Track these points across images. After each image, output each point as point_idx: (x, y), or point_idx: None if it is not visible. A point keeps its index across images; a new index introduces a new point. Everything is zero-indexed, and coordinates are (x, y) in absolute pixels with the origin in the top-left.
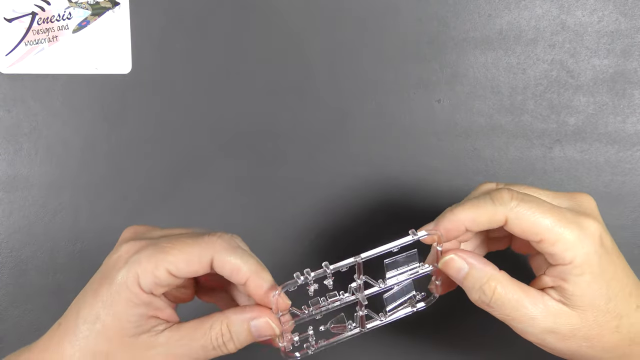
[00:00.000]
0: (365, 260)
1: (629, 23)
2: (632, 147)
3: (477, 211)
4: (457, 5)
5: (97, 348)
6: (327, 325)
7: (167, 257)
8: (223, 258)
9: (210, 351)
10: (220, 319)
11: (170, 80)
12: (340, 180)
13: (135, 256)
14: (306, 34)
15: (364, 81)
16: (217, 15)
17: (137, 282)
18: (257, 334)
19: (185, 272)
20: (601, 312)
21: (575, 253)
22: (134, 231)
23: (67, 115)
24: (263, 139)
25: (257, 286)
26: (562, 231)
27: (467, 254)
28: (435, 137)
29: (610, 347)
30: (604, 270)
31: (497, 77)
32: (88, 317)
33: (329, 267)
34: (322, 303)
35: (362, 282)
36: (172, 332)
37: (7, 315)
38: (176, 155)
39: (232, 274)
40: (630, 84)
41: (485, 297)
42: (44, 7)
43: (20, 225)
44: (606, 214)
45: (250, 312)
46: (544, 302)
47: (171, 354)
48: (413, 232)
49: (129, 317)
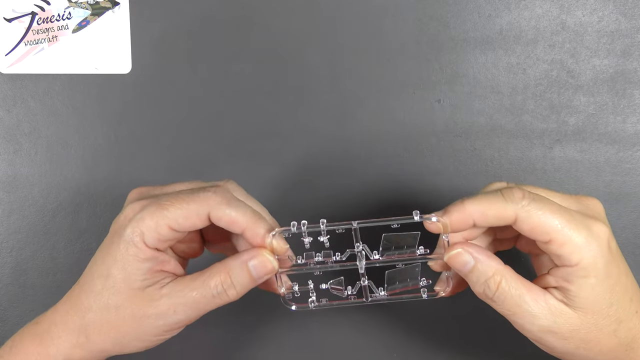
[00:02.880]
0: (361, 226)
1: (629, 23)
2: (632, 147)
3: (487, 205)
4: (457, 5)
5: (109, 301)
6: (326, 285)
7: (167, 214)
8: (219, 212)
9: (210, 300)
10: (218, 267)
11: (170, 80)
12: (340, 181)
13: (139, 214)
14: (306, 34)
15: (364, 81)
16: (217, 15)
17: (142, 238)
18: (256, 274)
19: (184, 226)
20: (602, 316)
21: (582, 256)
22: (139, 192)
23: (67, 115)
24: (263, 139)
25: (254, 234)
26: (570, 233)
27: (474, 248)
28: (435, 137)
29: (607, 351)
30: (609, 275)
31: (497, 77)
32: (101, 272)
33: (324, 224)
34: (315, 257)
35: (361, 249)
36: (174, 283)
37: (7, 315)
38: (176, 155)
39: (229, 226)
40: (630, 84)
41: (489, 291)
42: (44, 7)
43: (20, 225)
44: (606, 214)
45: (248, 254)
46: (546, 300)
47: (173, 303)
48: (417, 213)
49: (136, 272)
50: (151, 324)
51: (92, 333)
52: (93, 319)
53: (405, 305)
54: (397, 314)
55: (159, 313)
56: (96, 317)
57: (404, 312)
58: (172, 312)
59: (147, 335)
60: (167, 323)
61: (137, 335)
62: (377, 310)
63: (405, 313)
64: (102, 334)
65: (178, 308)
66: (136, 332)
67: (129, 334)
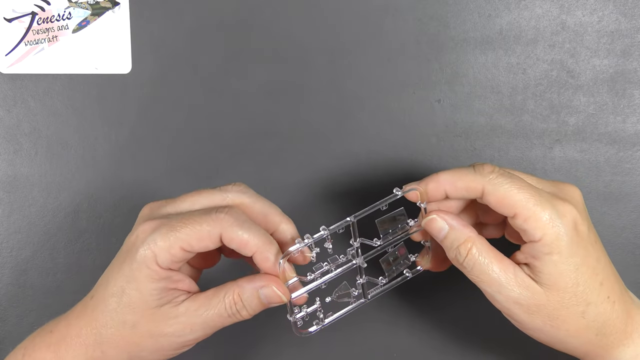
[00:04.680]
0: (359, 218)
1: (629, 23)
2: (632, 147)
3: (457, 176)
4: (457, 5)
5: (125, 318)
6: (332, 296)
7: (180, 236)
8: (231, 234)
9: (225, 318)
10: (232, 288)
11: (170, 80)
12: (340, 181)
13: (151, 236)
14: (306, 34)
15: (364, 81)
16: (217, 15)
17: (154, 260)
18: (266, 302)
19: (197, 247)
20: (567, 294)
21: (545, 232)
22: (150, 208)
23: (67, 115)
24: (263, 139)
25: (264, 259)
26: (535, 209)
27: (449, 215)
28: (435, 137)
29: (574, 332)
30: (572, 254)
31: (497, 77)
32: (115, 291)
33: (326, 230)
34: (324, 266)
35: (358, 245)
36: (190, 302)
37: (8, 315)
38: (176, 155)
39: (240, 248)
40: (630, 84)
41: (460, 256)
42: (44, 7)
43: (20, 225)
44: (606, 214)
45: (259, 281)
46: (515, 272)
47: (190, 322)
48: (397, 189)
49: (150, 291)
50: (168, 340)
51: (108, 348)
52: (109, 335)
53: (406, 304)
54: (397, 314)
55: (176, 331)
56: (113, 334)
57: (404, 312)
58: (189, 330)
59: (164, 350)
60: (184, 340)
61: (153, 351)
62: (377, 309)
63: (406, 312)
64: (119, 350)
65: (195, 327)
66: (154, 347)
67: (146, 349)
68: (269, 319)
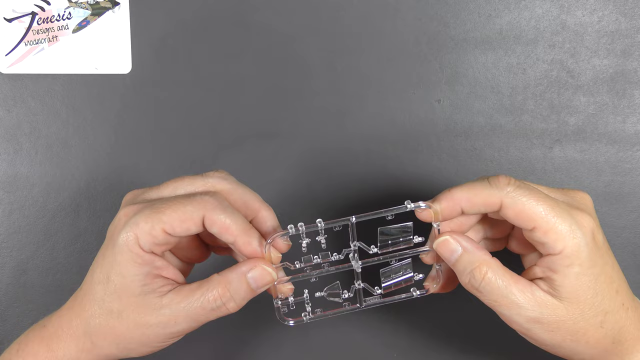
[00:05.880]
0: (358, 221)
1: (629, 23)
2: (632, 147)
3: (473, 192)
4: (457, 5)
5: (112, 306)
6: (322, 292)
7: (162, 217)
8: (213, 216)
9: (209, 312)
10: (217, 280)
11: (170, 80)
12: (340, 181)
13: (133, 219)
14: (306, 34)
15: (364, 81)
16: (217, 15)
17: (137, 242)
18: (255, 286)
19: (179, 230)
20: (587, 306)
21: (566, 244)
22: (133, 194)
23: (67, 115)
24: (263, 139)
25: (246, 243)
26: (555, 220)
27: (462, 237)
28: (435, 137)
29: (593, 343)
30: (593, 264)
31: (497, 77)
32: (101, 279)
33: (321, 223)
34: (314, 260)
35: (356, 248)
36: (174, 293)
37: (8, 315)
38: (176, 155)
39: (221, 232)
40: (630, 84)
41: (475, 281)
42: (44, 7)
43: (20, 225)
44: (606, 214)
45: (245, 265)
46: (532, 291)
47: (174, 314)
48: (409, 202)
49: (133, 277)
50: (154, 332)
51: (97, 339)
52: (97, 325)
53: (406, 304)
54: (397, 313)
55: (160, 322)
56: (100, 324)
57: (405, 312)
58: (174, 322)
59: (152, 342)
60: (170, 332)
61: (141, 342)
62: (376, 309)
63: (406, 312)
64: (107, 340)
65: (179, 319)
66: (140, 339)
67: (134, 340)
68: (269, 318)
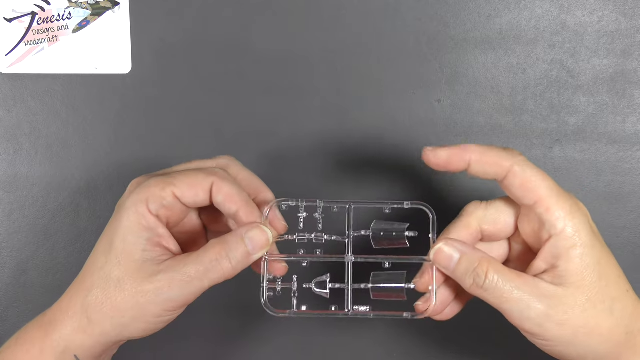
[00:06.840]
0: (355, 206)
1: (629, 23)
2: (632, 147)
3: (487, 148)
4: (457, 5)
5: (111, 274)
6: (310, 284)
7: (173, 181)
8: (220, 184)
9: (203, 274)
10: (214, 242)
11: (170, 80)
12: (340, 181)
13: (145, 183)
14: (306, 34)
15: (364, 81)
16: (217, 15)
17: (145, 203)
18: (252, 247)
19: (188, 194)
20: (594, 290)
21: (567, 223)
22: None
23: (67, 115)
24: (263, 139)
25: (248, 212)
26: (557, 199)
27: (456, 241)
28: (435, 137)
29: (606, 333)
30: (593, 246)
31: (497, 77)
32: (104, 248)
33: (320, 201)
34: (308, 236)
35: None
36: (172, 260)
37: (8, 314)
38: (176, 155)
39: (225, 200)
40: (630, 84)
41: (479, 279)
42: (44, 7)
43: (20, 225)
44: (606, 214)
45: (244, 227)
46: (536, 284)
47: (169, 278)
48: (407, 203)
49: (136, 241)
50: (149, 300)
51: (93, 312)
52: (94, 296)
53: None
54: None
55: (155, 288)
56: (97, 296)
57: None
58: (168, 286)
59: (147, 315)
60: (164, 299)
61: (136, 315)
62: None
63: None
64: (102, 313)
65: (173, 283)
66: (135, 311)
67: (128, 312)
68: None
